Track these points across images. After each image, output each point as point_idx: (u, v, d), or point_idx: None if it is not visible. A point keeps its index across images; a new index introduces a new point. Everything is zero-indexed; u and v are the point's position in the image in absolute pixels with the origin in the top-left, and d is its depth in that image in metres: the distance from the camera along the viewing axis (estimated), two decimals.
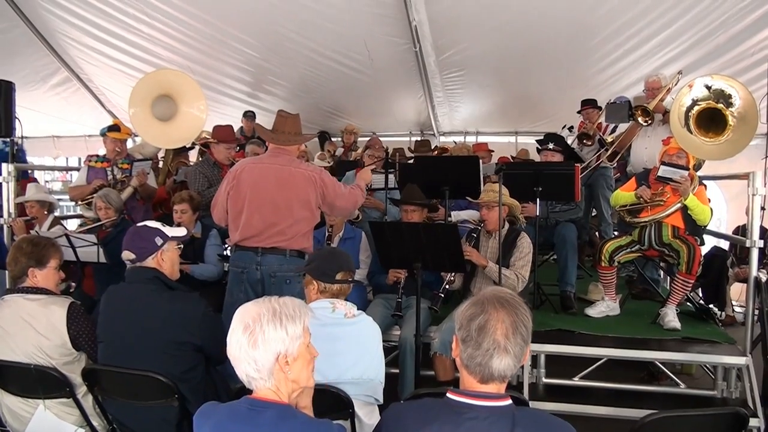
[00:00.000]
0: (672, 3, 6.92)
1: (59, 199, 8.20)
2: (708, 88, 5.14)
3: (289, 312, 2.11)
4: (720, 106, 5.07)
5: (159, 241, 3.29)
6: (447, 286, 4.93)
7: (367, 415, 3.00)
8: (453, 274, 4.95)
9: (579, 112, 7.81)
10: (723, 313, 7.97)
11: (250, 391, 2.11)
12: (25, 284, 3.51)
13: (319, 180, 4.33)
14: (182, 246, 3.51)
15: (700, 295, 7.55)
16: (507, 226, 5.16)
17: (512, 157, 9.08)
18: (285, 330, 2.07)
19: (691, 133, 5.19)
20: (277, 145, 4.40)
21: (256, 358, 2.02)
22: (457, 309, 2.09)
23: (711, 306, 7.11)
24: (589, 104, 7.70)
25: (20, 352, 3.31)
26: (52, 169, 13.36)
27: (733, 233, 8.53)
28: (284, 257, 4.23)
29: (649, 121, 6.30)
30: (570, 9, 7.31)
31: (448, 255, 4.45)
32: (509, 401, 1.97)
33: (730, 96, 5.06)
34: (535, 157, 9.22)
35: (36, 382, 3.27)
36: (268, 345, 2.03)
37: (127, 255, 3.27)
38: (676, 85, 6.34)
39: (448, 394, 2.02)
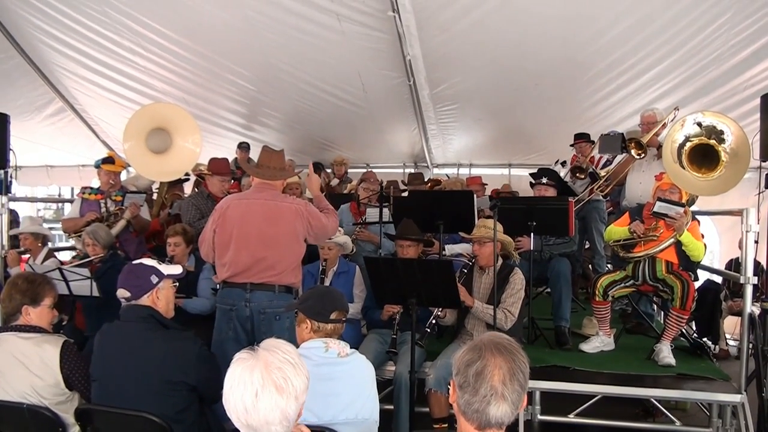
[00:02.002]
0: (664, 39, 6.98)
1: (51, 228, 8.17)
2: (699, 125, 5.17)
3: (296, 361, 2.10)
4: (712, 142, 5.10)
5: (154, 279, 3.28)
6: (434, 321, 4.90)
7: None
8: (442, 309, 4.93)
9: (572, 146, 7.86)
10: (717, 346, 7.98)
11: None
12: (18, 322, 3.48)
13: (305, 212, 4.36)
14: (177, 284, 3.50)
15: (694, 328, 7.55)
16: (500, 261, 5.16)
17: (497, 192, 9.10)
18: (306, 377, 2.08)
19: (684, 169, 5.22)
20: (263, 180, 4.42)
21: (287, 410, 2.01)
22: (455, 352, 2.08)
23: (704, 339, 7.12)
24: (582, 138, 7.75)
25: (13, 392, 3.28)
26: (45, 201, 13.32)
27: (726, 266, 8.57)
28: (273, 293, 4.22)
29: (642, 155, 6.34)
30: (562, 45, 7.37)
31: (443, 291, 4.44)
32: None
33: (722, 132, 5.09)
34: (521, 190, 9.31)
35: (29, 422, 3.23)
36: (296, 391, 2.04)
37: (122, 293, 3.25)
38: (672, 120, 6.39)
39: None
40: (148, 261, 3.40)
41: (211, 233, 4.37)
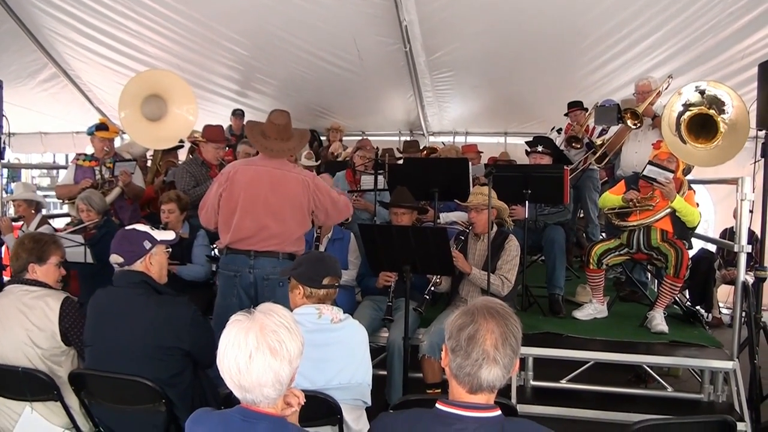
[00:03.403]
0: (662, 7, 6.93)
1: (45, 196, 8.13)
2: (702, 92, 5.14)
3: (292, 325, 2.10)
4: (712, 112, 5.08)
5: (147, 244, 3.27)
6: (432, 288, 4.92)
7: (355, 421, 2.99)
8: (439, 276, 4.94)
9: (566, 114, 7.83)
10: (710, 314, 8.03)
11: (238, 398, 2.09)
12: (25, 276, 3.54)
13: (312, 185, 4.31)
14: (171, 249, 3.49)
15: (687, 296, 7.59)
16: (495, 228, 5.16)
17: (495, 159, 9.08)
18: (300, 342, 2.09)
19: (682, 138, 5.20)
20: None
21: (280, 373, 2.00)
22: (448, 317, 2.09)
23: (698, 307, 7.16)
24: (576, 106, 7.72)
25: (11, 341, 3.32)
26: (38, 167, 13.26)
27: (720, 236, 8.59)
28: (277, 260, 4.21)
29: (638, 124, 6.30)
30: (561, 11, 7.32)
31: (437, 258, 4.44)
32: (498, 412, 1.97)
33: (723, 103, 5.07)
34: (517, 158, 9.29)
35: (23, 383, 3.24)
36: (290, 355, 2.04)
37: (115, 258, 3.24)
38: (666, 89, 6.36)
39: (437, 405, 2.01)
40: (140, 227, 3.38)
41: (216, 197, 4.30)
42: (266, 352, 1.97)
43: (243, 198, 4.20)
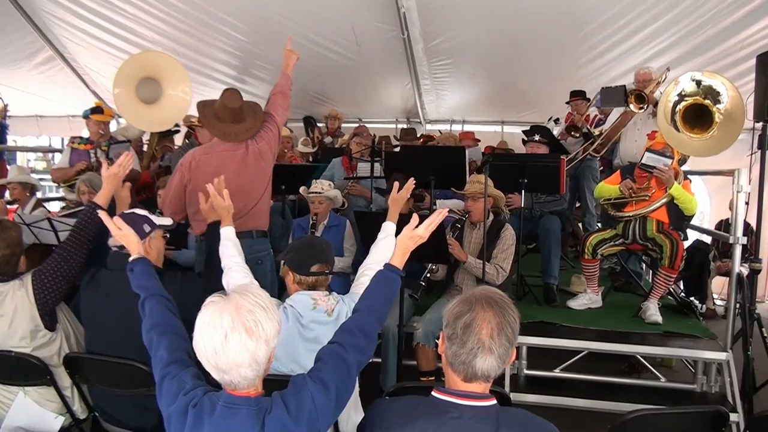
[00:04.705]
0: None
1: (41, 179, 8.11)
2: (698, 83, 5.14)
3: (267, 305, 2.09)
4: (707, 102, 5.08)
5: (147, 228, 3.26)
6: (428, 275, 4.92)
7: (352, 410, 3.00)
8: (435, 263, 4.94)
9: (568, 103, 7.83)
10: (704, 306, 8.07)
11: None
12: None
13: (264, 142, 4.36)
14: (168, 235, 3.48)
15: (682, 287, 7.61)
16: (491, 217, 5.16)
17: (493, 148, 9.08)
18: (277, 321, 2.07)
19: (677, 128, 5.20)
20: None
21: (256, 353, 1.99)
22: (446, 305, 2.09)
23: (692, 299, 7.18)
24: (578, 95, 7.71)
25: None
26: (34, 150, 13.20)
27: (715, 227, 8.60)
28: (252, 239, 4.23)
29: (643, 108, 6.25)
30: (560, 0, 7.31)
31: (433, 246, 4.43)
32: (494, 401, 1.98)
33: (718, 93, 5.06)
34: (514, 147, 9.28)
35: (16, 369, 3.23)
36: (266, 335, 2.02)
37: (114, 241, 3.21)
38: (664, 80, 6.34)
39: (433, 393, 2.02)
40: (140, 210, 3.38)
41: (181, 189, 4.27)
42: (242, 331, 1.96)
43: None
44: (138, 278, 2.71)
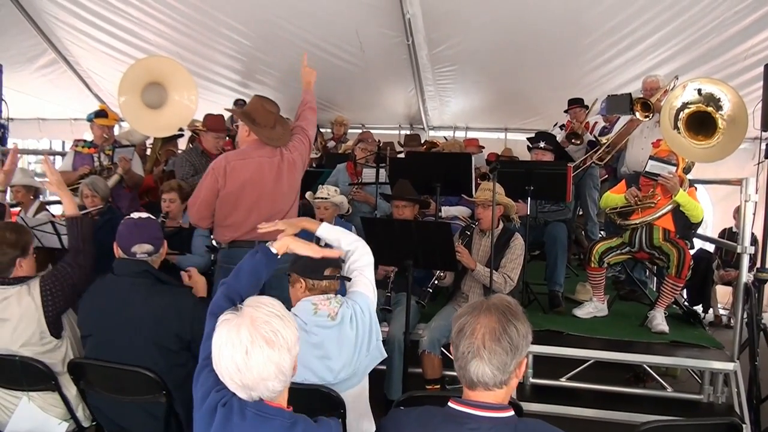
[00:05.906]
0: (667, 4, 6.90)
1: (43, 182, 8.09)
2: (699, 92, 5.12)
3: (282, 313, 2.06)
4: (710, 109, 5.06)
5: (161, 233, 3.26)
6: (436, 282, 4.90)
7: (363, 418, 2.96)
8: (443, 270, 4.91)
9: (566, 111, 7.82)
10: (709, 312, 8.07)
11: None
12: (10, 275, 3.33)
13: (296, 152, 4.33)
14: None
15: (685, 296, 7.58)
16: (501, 225, 5.13)
17: (498, 155, 9.07)
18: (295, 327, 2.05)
19: (681, 135, 5.18)
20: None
21: (281, 363, 1.96)
22: (450, 314, 2.08)
23: (695, 308, 7.16)
24: (576, 104, 7.72)
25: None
26: (38, 153, 13.18)
27: (719, 236, 8.58)
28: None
29: (649, 116, 6.23)
30: (565, 8, 7.29)
31: (440, 253, 4.42)
32: (512, 412, 1.94)
33: (719, 99, 5.04)
34: (518, 154, 9.27)
35: (20, 373, 3.19)
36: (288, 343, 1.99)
37: (143, 248, 3.18)
38: (672, 89, 6.33)
39: (449, 403, 1.98)
40: (148, 215, 3.35)
41: (212, 194, 4.15)
42: (262, 344, 1.92)
43: (246, 193, 4.13)
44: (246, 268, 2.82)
